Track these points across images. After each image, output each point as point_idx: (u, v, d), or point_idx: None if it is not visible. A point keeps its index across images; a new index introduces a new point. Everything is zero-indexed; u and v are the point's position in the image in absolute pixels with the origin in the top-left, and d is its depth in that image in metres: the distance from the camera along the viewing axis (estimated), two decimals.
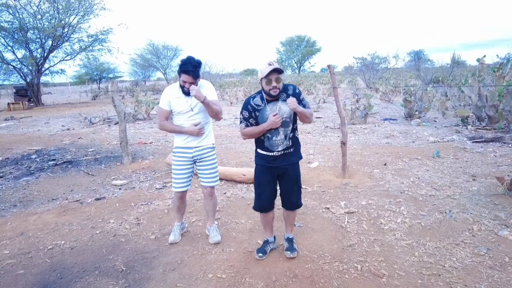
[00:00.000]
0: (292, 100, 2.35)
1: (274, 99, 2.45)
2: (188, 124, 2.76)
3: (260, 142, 2.54)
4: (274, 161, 2.53)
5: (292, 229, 2.82)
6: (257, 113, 2.48)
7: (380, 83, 20.82)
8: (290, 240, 2.77)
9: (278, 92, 2.39)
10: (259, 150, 2.58)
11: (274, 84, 2.36)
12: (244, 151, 6.43)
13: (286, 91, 2.47)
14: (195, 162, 2.90)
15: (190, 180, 2.95)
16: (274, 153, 2.50)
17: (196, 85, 2.65)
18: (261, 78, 2.36)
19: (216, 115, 2.76)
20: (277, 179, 2.61)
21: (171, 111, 2.80)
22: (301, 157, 2.65)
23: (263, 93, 2.47)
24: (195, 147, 2.81)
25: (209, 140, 2.88)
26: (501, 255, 2.58)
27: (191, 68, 2.58)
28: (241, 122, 2.55)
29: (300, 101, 2.45)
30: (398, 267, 2.50)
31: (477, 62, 8.46)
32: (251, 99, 2.51)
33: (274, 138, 2.47)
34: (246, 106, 2.50)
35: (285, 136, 2.48)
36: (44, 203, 4.17)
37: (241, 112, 2.52)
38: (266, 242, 2.81)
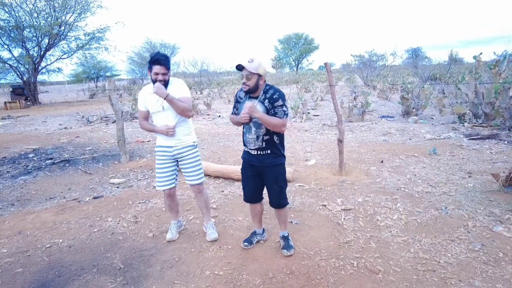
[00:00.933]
0: (248, 105, 2.36)
1: (254, 96, 2.48)
2: (162, 124, 2.77)
3: (242, 134, 2.65)
4: (252, 158, 2.59)
5: (286, 226, 2.81)
6: (238, 105, 2.61)
7: (378, 80, 20.86)
8: (285, 238, 2.77)
9: (247, 88, 2.43)
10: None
11: (244, 80, 2.41)
12: (241, 149, 6.41)
13: (266, 93, 2.45)
14: (177, 161, 2.91)
15: (174, 178, 2.96)
16: (248, 149, 2.57)
17: (168, 79, 2.68)
18: None
19: (182, 112, 2.71)
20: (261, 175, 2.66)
21: (148, 111, 2.84)
22: (281, 160, 2.58)
23: None
24: (174, 146, 2.82)
25: (189, 138, 2.87)
26: (495, 251, 2.61)
27: (162, 57, 2.63)
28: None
29: (273, 107, 2.40)
30: (393, 263, 2.53)
31: (474, 60, 8.49)
32: (239, 91, 2.62)
33: (247, 135, 2.54)
34: (235, 96, 2.67)
35: (257, 137, 2.48)
36: (42, 202, 4.17)
37: None
38: (253, 233, 2.92)
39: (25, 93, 19.48)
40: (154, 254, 2.81)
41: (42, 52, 19.75)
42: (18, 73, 19.60)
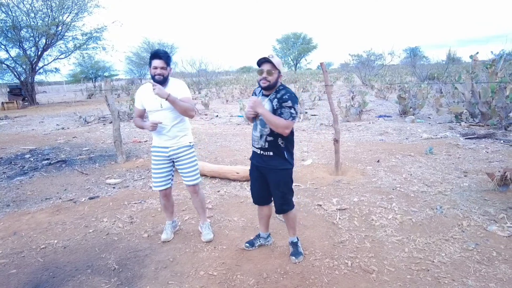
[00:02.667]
0: (253, 99, 2.31)
1: (267, 94, 2.40)
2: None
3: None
4: (257, 159, 2.53)
5: (294, 232, 2.71)
6: None
7: (376, 80, 20.89)
8: (294, 244, 2.69)
9: (267, 84, 2.32)
10: None
11: (264, 75, 2.31)
12: (238, 149, 6.44)
13: (277, 92, 2.37)
14: (173, 161, 2.90)
15: (170, 178, 2.95)
16: (254, 148, 2.53)
17: (167, 75, 2.68)
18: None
19: (185, 112, 2.71)
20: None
21: (145, 109, 2.84)
22: (285, 165, 2.46)
23: None
24: (170, 147, 2.81)
25: (185, 139, 2.86)
26: (489, 250, 2.62)
27: (161, 52, 2.67)
28: None
29: (280, 107, 2.30)
30: (388, 263, 2.53)
31: (470, 59, 8.51)
32: (257, 88, 2.56)
33: (253, 132, 2.51)
34: (253, 93, 2.61)
35: (261, 136, 2.42)
36: (38, 202, 4.16)
37: None
38: (257, 236, 2.88)
39: (23, 93, 19.41)
40: (148, 254, 2.81)
41: (39, 52, 19.69)
42: (16, 74, 19.53)
